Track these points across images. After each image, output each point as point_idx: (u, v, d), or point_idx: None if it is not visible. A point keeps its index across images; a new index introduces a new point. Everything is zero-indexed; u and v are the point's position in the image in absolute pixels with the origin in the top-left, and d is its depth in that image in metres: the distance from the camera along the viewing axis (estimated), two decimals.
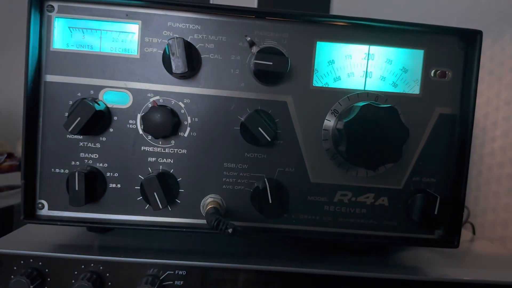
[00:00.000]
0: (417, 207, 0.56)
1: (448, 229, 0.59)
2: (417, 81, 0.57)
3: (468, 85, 0.57)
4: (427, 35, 0.57)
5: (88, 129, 0.53)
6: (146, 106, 0.55)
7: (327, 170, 0.58)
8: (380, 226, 0.59)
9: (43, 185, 0.56)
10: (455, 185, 0.58)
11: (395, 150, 0.52)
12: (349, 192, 0.58)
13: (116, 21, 0.55)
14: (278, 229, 0.58)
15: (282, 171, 0.57)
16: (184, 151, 0.56)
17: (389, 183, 0.58)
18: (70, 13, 0.54)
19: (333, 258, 0.60)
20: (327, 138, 0.57)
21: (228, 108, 0.56)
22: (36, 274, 0.53)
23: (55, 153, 0.55)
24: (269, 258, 0.58)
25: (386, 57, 0.57)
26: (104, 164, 0.56)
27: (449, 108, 0.58)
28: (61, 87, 0.55)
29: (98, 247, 0.58)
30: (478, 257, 0.69)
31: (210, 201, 0.56)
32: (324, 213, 0.58)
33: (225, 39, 0.55)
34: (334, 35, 0.56)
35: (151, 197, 0.53)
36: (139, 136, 0.56)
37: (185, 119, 0.56)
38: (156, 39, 0.55)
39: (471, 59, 0.57)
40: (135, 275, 0.54)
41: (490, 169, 1.18)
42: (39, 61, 0.55)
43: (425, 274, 0.56)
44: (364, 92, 0.57)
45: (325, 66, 0.57)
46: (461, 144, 0.57)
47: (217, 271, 0.55)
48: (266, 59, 0.53)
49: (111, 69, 0.55)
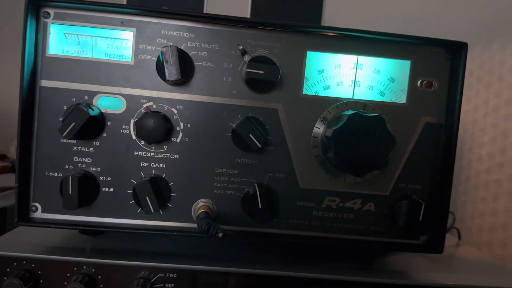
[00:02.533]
0: (403, 213, 0.58)
1: (432, 235, 0.60)
2: (404, 91, 0.59)
3: (453, 95, 0.58)
4: (414, 46, 0.58)
5: (82, 134, 0.53)
6: (140, 111, 0.56)
7: (316, 176, 0.59)
8: (367, 231, 0.60)
9: (37, 188, 0.57)
10: (440, 192, 0.59)
11: (382, 157, 0.53)
12: (337, 197, 0.59)
13: (111, 28, 0.56)
14: (268, 233, 0.59)
15: (272, 176, 0.58)
16: (176, 156, 0.57)
17: (376, 189, 0.60)
18: (66, 20, 0.55)
19: (321, 262, 0.62)
20: (316, 145, 0.58)
21: (220, 114, 0.57)
22: (29, 276, 0.54)
23: (49, 157, 0.56)
24: (259, 262, 0.59)
25: (374, 67, 0.58)
26: (97, 168, 0.57)
27: (435, 117, 0.59)
28: (56, 92, 0.56)
29: (91, 250, 0.59)
30: (462, 262, 0.71)
31: (201, 205, 0.57)
32: (312, 218, 0.59)
33: (218, 47, 0.57)
34: (324, 45, 0.58)
35: (143, 201, 0.54)
36: (132, 141, 0.57)
37: (178, 125, 0.57)
38: (150, 46, 0.56)
39: (456, 69, 0.58)
40: (127, 278, 0.55)
41: (478, 174, 1.20)
42: (34, 66, 0.55)
43: (410, 279, 0.58)
44: (352, 100, 0.58)
45: (315, 75, 0.58)
46: (446, 152, 0.59)
47: (208, 274, 0.56)
48: (258, 68, 0.54)
49: (106, 75, 0.56)
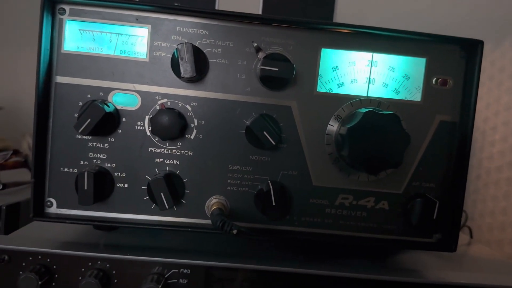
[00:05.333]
0: (416, 212, 0.57)
1: (446, 234, 0.60)
2: (418, 89, 0.58)
3: (468, 93, 0.58)
4: (429, 44, 0.58)
5: (98, 130, 0.54)
6: (154, 108, 0.57)
7: (329, 174, 0.59)
8: (380, 229, 0.60)
9: (52, 184, 0.57)
10: (453, 191, 0.59)
11: (396, 156, 0.53)
12: (351, 195, 0.59)
13: (126, 25, 0.56)
14: (281, 230, 0.60)
15: (286, 174, 0.59)
16: (190, 153, 0.58)
17: (390, 187, 0.59)
18: (81, 16, 0.55)
19: (333, 259, 0.62)
20: (330, 143, 0.58)
21: (234, 111, 0.57)
22: (44, 271, 0.54)
23: (64, 153, 0.57)
24: (272, 258, 0.59)
25: (389, 64, 0.58)
26: (112, 164, 0.57)
27: (449, 115, 0.59)
28: (71, 89, 0.56)
29: (105, 245, 0.59)
30: (475, 261, 0.71)
31: (215, 202, 0.57)
32: (325, 215, 0.59)
33: (232, 44, 0.57)
34: (339, 42, 0.57)
35: (158, 197, 0.54)
36: (146, 137, 0.57)
37: (192, 122, 0.57)
38: (165, 43, 0.56)
39: (471, 68, 0.58)
40: (141, 273, 0.55)
41: (489, 173, 1.19)
42: (50, 62, 0.56)
43: (423, 277, 0.58)
44: (367, 98, 0.58)
45: (329, 72, 0.58)
46: (461, 151, 0.58)
47: (221, 270, 0.56)
48: (272, 65, 0.54)
49: (121, 71, 0.56)
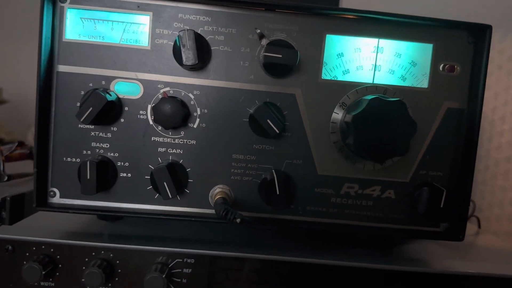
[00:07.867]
0: (423, 200, 0.57)
1: (453, 223, 0.59)
2: (425, 75, 0.57)
3: (476, 80, 0.57)
4: (436, 29, 0.57)
5: (100, 119, 0.53)
6: (157, 97, 0.56)
7: (335, 163, 0.58)
8: (386, 219, 0.59)
9: (55, 174, 0.57)
10: (461, 179, 0.58)
11: (403, 143, 0.52)
12: (356, 184, 0.59)
13: (128, 13, 0.55)
14: (285, 220, 0.59)
15: (290, 163, 0.58)
16: (193, 142, 0.57)
17: (396, 176, 0.59)
18: (82, 4, 0.55)
19: (338, 249, 0.61)
20: (335, 131, 0.57)
21: (237, 100, 0.57)
22: (48, 261, 0.54)
23: (67, 142, 0.56)
24: (276, 248, 0.59)
25: (395, 50, 0.57)
26: (115, 154, 0.57)
27: (457, 102, 0.58)
28: (73, 77, 0.55)
29: (108, 235, 0.59)
30: (482, 251, 0.70)
31: (219, 191, 0.57)
32: (330, 205, 0.59)
33: (235, 31, 0.56)
34: (344, 28, 0.56)
35: (161, 186, 0.54)
36: (149, 126, 0.56)
37: (195, 111, 0.57)
38: (167, 30, 0.55)
39: (480, 53, 0.56)
40: (145, 263, 0.55)
41: (497, 163, 1.18)
42: (51, 51, 0.55)
43: (430, 267, 0.57)
44: (372, 85, 0.57)
45: (334, 59, 0.57)
46: (468, 138, 0.57)
47: (225, 260, 0.56)
48: (276, 52, 0.53)
49: (123, 60, 0.56)
